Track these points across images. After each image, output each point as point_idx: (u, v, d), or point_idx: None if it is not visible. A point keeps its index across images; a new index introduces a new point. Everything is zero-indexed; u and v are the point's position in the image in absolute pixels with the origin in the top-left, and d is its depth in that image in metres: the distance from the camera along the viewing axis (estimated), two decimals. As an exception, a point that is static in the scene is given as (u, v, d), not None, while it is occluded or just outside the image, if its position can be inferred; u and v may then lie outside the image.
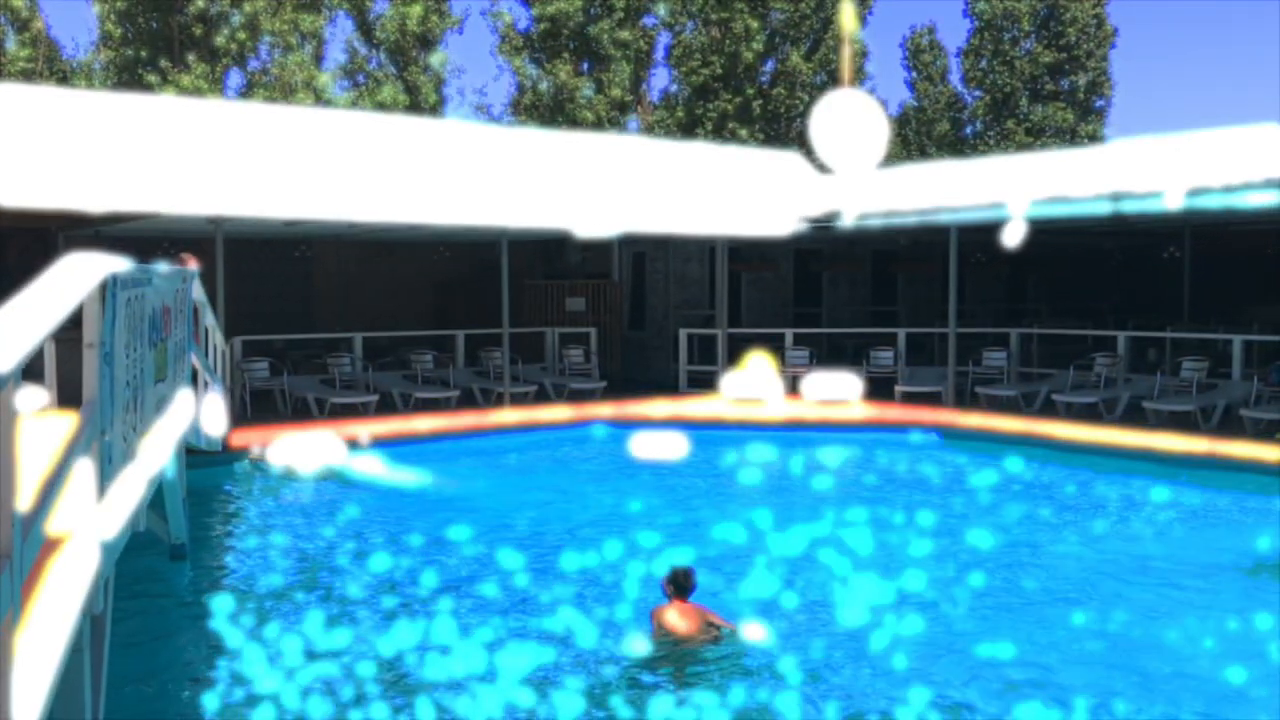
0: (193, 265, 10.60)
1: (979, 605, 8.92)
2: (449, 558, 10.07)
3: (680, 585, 7.48)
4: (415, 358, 19.08)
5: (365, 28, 36.77)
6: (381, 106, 34.86)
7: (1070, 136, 40.02)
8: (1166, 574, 9.71)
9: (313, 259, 22.30)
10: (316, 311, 21.57)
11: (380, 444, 14.86)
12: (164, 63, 32.01)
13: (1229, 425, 15.39)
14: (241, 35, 33.50)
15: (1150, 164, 13.74)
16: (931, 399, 18.29)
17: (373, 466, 14.00)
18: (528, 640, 7.77)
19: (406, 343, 19.86)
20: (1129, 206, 15.02)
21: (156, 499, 7.60)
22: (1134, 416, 16.35)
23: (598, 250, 22.73)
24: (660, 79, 59.23)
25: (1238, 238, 23.07)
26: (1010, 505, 12.83)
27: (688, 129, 35.68)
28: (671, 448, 15.58)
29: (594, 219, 16.33)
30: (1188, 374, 16.89)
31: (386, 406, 17.36)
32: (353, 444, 14.66)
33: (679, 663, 7.22)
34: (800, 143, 34.15)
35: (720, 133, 34.85)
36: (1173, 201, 13.23)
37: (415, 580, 9.26)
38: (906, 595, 9.10)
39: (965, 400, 18.29)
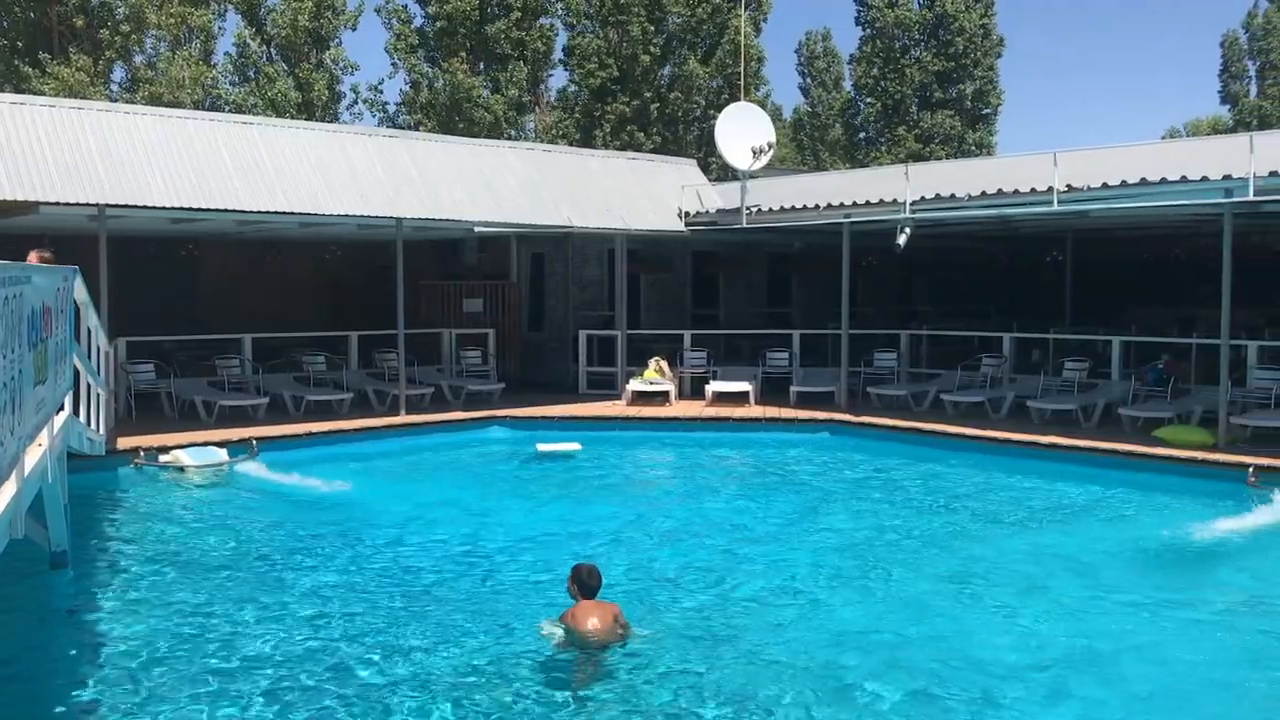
0: (34, 259, 10.06)
1: (863, 596, 9.14)
2: (336, 562, 9.92)
3: (585, 584, 7.44)
4: (307, 359, 18.73)
5: (256, 23, 35.99)
6: (273, 104, 34.16)
7: (959, 144, 41.09)
8: (1043, 563, 10.05)
9: (200, 258, 21.75)
10: (204, 312, 21.02)
11: (270, 447, 14.55)
12: (42, 55, 30.87)
13: (1108, 423, 15.99)
14: (125, 29, 32.49)
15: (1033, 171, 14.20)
16: (825, 399, 18.61)
17: (261, 471, 13.71)
18: (424, 645, 7.70)
19: (298, 344, 19.47)
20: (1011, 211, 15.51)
21: (36, 505, 7.32)
22: (1019, 415, 16.87)
23: (495, 251, 22.60)
24: (558, 80, 59.08)
25: (1116, 243, 23.96)
26: (895, 500, 13.14)
27: (586, 131, 35.71)
28: (570, 449, 15.59)
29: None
30: (1070, 374, 17.49)
31: (277, 409, 17.02)
32: (241, 447, 14.34)
33: (590, 662, 7.19)
34: (698, 147, 34.48)
35: (619, 135, 34.96)
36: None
37: (300, 586, 9.11)
38: (794, 587, 9.27)
39: (857, 400, 18.67)
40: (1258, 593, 9.29)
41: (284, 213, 15.92)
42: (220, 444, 14.29)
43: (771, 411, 17.89)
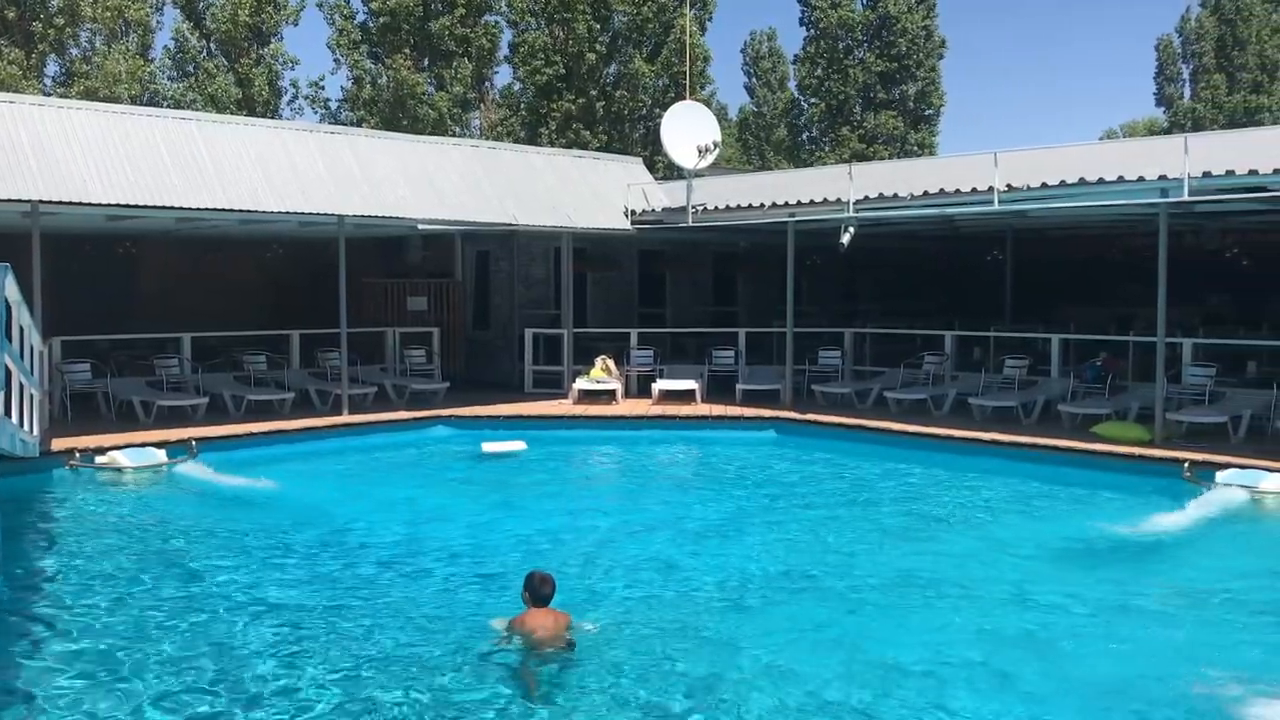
0: None
1: (806, 591, 9.20)
2: (279, 566, 9.79)
3: (537, 591, 7.38)
4: (248, 359, 18.47)
5: (194, 17, 35.43)
6: (213, 99, 33.65)
7: (901, 144, 41.49)
8: (983, 557, 10.18)
9: (138, 256, 21.36)
10: (142, 311, 20.65)
11: (210, 448, 14.33)
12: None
13: (1048, 419, 16.23)
14: (59, 21, 31.83)
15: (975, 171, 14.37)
16: (771, 396, 18.70)
17: (201, 471, 13.49)
18: (358, 645, 7.61)
19: (238, 343, 19.19)
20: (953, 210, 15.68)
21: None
22: (960, 412, 17.08)
23: (439, 249, 22.45)
24: (503, 77, 58.85)
25: (1055, 242, 24.33)
26: (839, 497, 13.26)
27: (531, 128, 35.59)
28: (514, 448, 15.53)
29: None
30: (1010, 371, 17.73)
31: (217, 409, 16.77)
32: (180, 448, 14.11)
33: (538, 668, 7.13)
34: (643, 145, 34.49)
35: (564, 133, 34.88)
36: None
37: (242, 591, 8.96)
38: (739, 584, 9.30)
39: (802, 397, 18.78)
40: (1193, 585, 9.46)
41: (224, 210, 15.67)
42: (159, 445, 14.05)
43: (718, 409, 17.94)
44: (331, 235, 17.60)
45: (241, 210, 15.83)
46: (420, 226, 18.15)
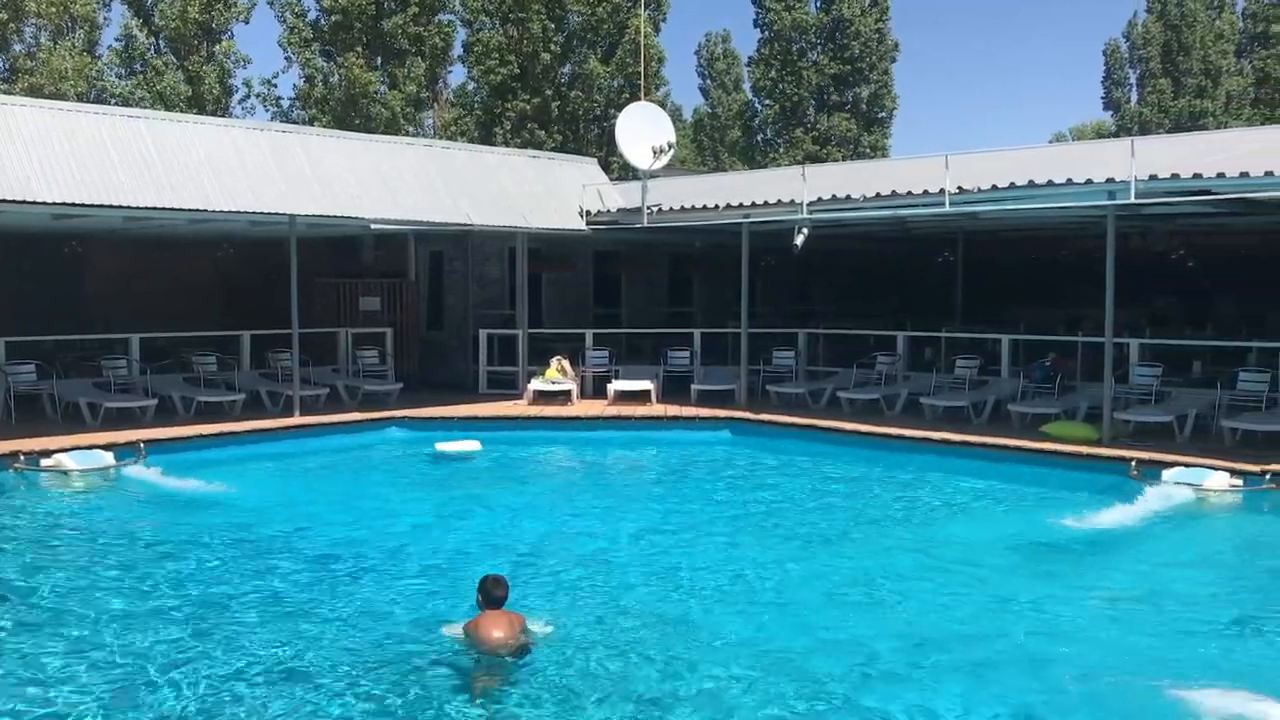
0: None
1: (759, 589, 9.26)
2: (226, 569, 9.66)
3: (490, 594, 7.34)
4: (197, 360, 18.22)
5: (143, 14, 34.91)
6: (162, 97, 33.17)
7: (854, 146, 41.77)
8: (935, 555, 10.29)
9: (86, 256, 21.00)
10: (89, 311, 20.31)
11: (159, 450, 14.12)
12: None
13: (998, 419, 16.41)
14: (3, 16, 31.23)
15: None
16: (726, 397, 18.75)
17: (149, 474, 13.29)
18: (311, 658, 7.53)
19: (188, 344, 18.93)
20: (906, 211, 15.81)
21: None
22: (912, 411, 17.22)
23: (393, 249, 22.28)
24: (457, 77, 58.56)
25: (1005, 244, 24.60)
26: (792, 496, 13.34)
27: (486, 128, 35.44)
28: (469, 448, 15.44)
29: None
30: (961, 372, 17.91)
31: (166, 411, 16.53)
32: (128, 450, 13.90)
33: (495, 671, 7.10)
34: (599, 146, 34.46)
35: (519, 133, 34.78)
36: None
37: (187, 595, 8.85)
38: (692, 584, 9.33)
39: (757, 397, 18.86)
40: (1140, 582, 9.61)
41: (172, 209, 15.45)
42: (106, 447, 13.84)
43: (673, 410, 17.97)
44: (283, 235, 17.41)
45: (191, 209, 15.61)
46: (373, 226, 18.01)
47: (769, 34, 42.37)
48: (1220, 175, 12.77)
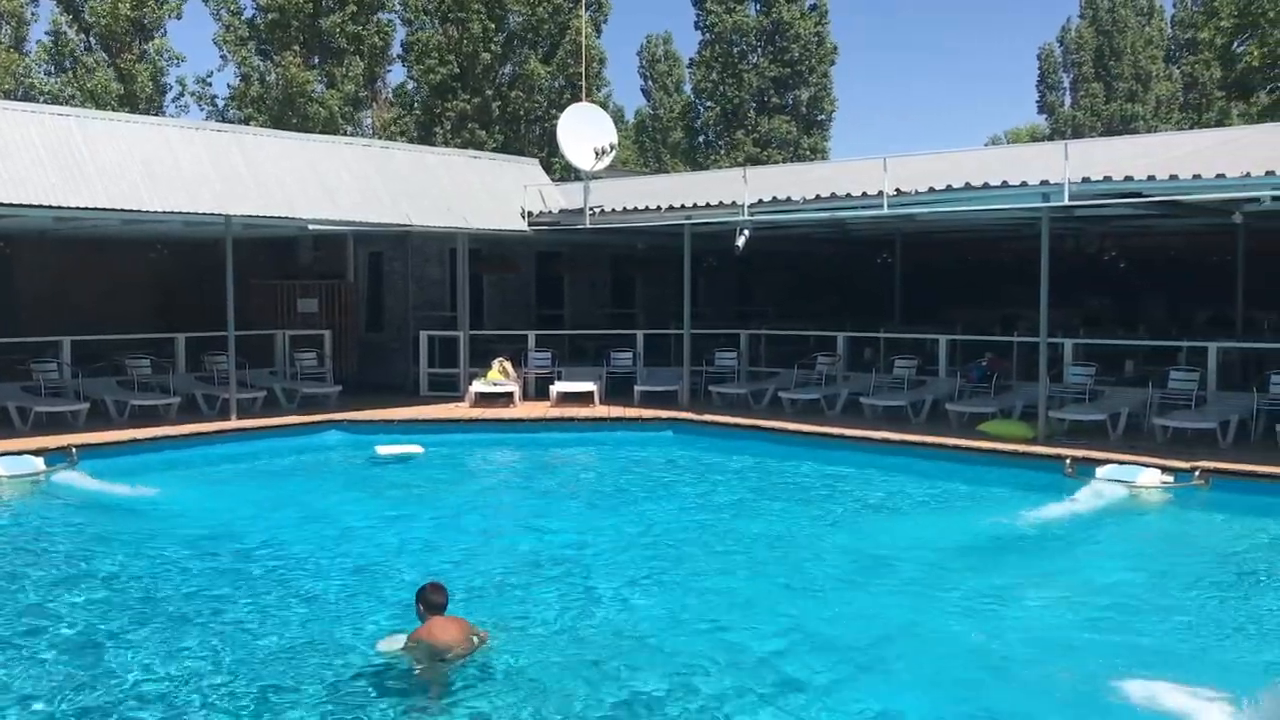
0: None
1: (702, 586, 9.27)
2: (159, 576, 9.48)
3: (432, 602, 7.25)
4: (131, 363, 17.87)
5: (73, 10, 34.19)
6: (93, 95, 32.51)
7: (794, 149, 42.06)
8: (872, 552, 10.39)
9: (12, 257, 20.50)
10: (19, 313, 19.83)
11: (91, 455, 13.84)
12: None
13: (936, 418, 16.61)
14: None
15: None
16: (669, 397, 18.79)
17: (82, 480, 13.01)
18: (244, 670, 7.39)
19: (121, 346, 18.56)
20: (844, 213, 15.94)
21: None
22: (852, 411, 17.38)
23: (331, 250, 22.03)
24: (396, 76, 58.05)
25: (942, 245, 24.93)
26: (733, 495, 13.40)
27: (425, 128, 35.19)
28: (409, 452, 15.30)
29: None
30: (900, 372, 18.10)
31: (99, 415, 16.20)
32: (59, 456, 13.60)
33: (442, 677, 7.02)
34: (540, 146, 34.36)
35: (459, 133, 34.57)
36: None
37: (119, 603, 8.69)
38: (638, 582, 9.34)
39: (699, 398, 18.92)
40: (1073, 577, 9.78)
41: (104, 210, 15.15)
42: (36, 453, 13.53)
43: (616, 411, 17.96)
44: (219, 236, 17.14)
45: (123, 210, 15.32)
46: (311, 227, 17.79)
47: (710, 36, 42.53)
48: (1151, 178, 13.04)
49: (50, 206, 14.65)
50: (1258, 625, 8.34)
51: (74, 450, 13.78)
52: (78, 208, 14.87)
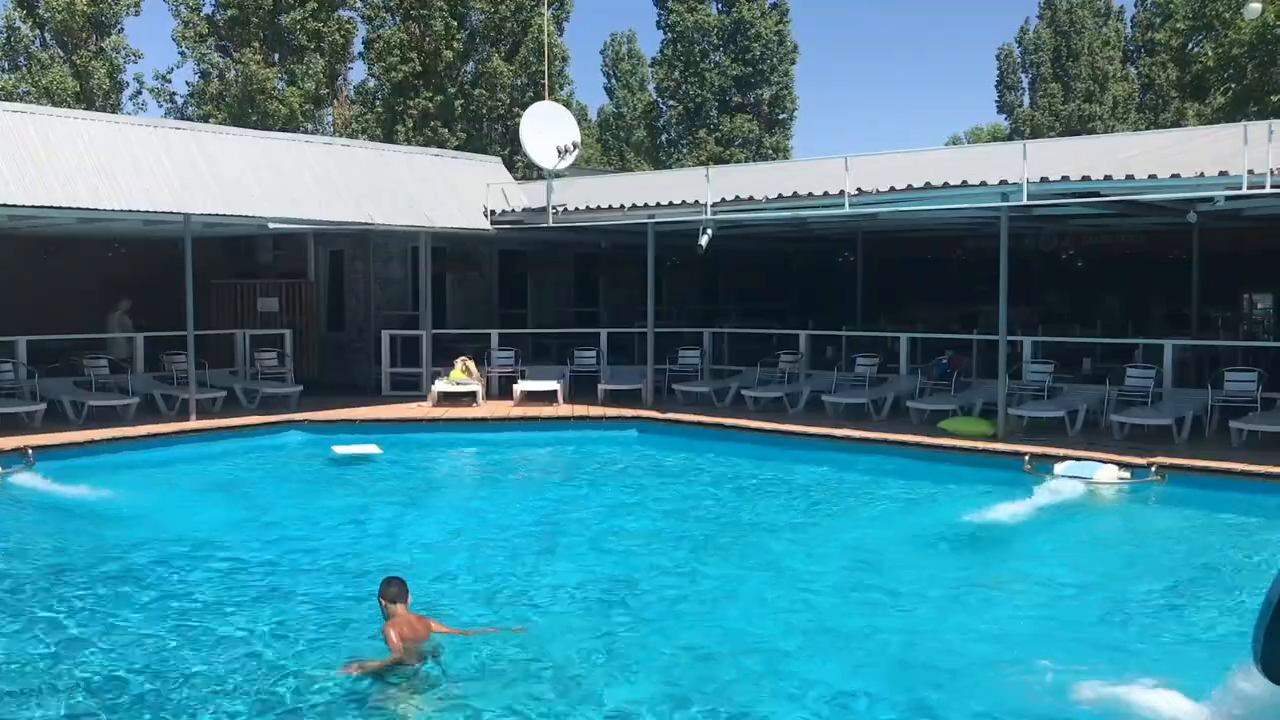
0: None
1: (668, 584, 9.29)
2: (114, 580, 9.37)
3: (394, 598, 7.22)
4: (88, 363, 17.66)
5: (27, 5, 33.69)
6: (48, 92, 32.05)
7: (757, 148, 42.21)
8: (835, 550, 10.47)
9: (-34, 256, 20.20)
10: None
11: (48, 457, 13.66)
12: None
13: (897, 415, 16.74)
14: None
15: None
16: (633, 396, 18.81)
17: (38, 482, 12.85)
18: (205, 672, 7.34)
19: (79, 346, 18.33)
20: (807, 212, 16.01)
21: None
22: (814, 409, 17.47)
23: (292, 248, 21.87)
24: (358, 74, 57.67)
25: (903, 244, 25.11)
26: (697, 493, 13.43)
27: (387, 126, 34.99)
28: (367, 452, 15.21)
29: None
30: (861, 369, 18.21)
31: (55, 416, 15.99)
32: (15, 457, 13.41)
33: (411, 674, 6.99)
34: (503, 145, 34.27)
35: (421, 131, 34.40)
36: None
37: (86, 608, 8.59)
38: (600, 581, 9.34)
39: (663, 396, 18.95)
40: (1033, 572, 9.89)
41: (60, 208, 14.95)
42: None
43: (580, 410, 17.96)
44: (178, 234, 16.97)
45: (80, 208, 15.12)
46: (271, 226, 17.64)
47: (672, 35, 42.59)
48: (1108, 178, 13.19)
49: (4, 205, 14.43)
50: (1213, 617, 8.46)
51: (30, 451, 13.60)
52: (33, 206, 14.66)
